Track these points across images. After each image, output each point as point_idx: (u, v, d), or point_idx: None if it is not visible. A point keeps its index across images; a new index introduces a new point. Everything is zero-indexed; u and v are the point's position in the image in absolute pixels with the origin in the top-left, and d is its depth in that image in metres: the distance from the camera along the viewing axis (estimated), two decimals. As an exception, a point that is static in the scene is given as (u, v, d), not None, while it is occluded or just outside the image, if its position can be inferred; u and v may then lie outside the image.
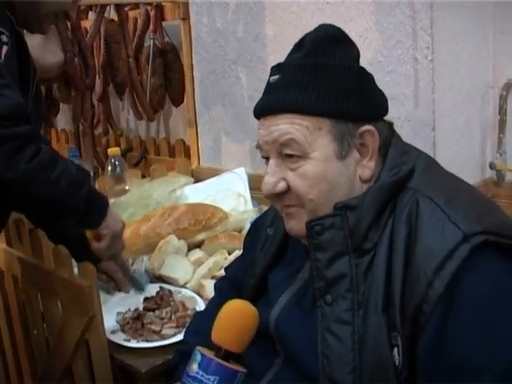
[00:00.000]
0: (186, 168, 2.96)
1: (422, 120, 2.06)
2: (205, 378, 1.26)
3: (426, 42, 1.99)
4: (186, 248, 2.28)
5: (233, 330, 1.30)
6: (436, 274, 1.07)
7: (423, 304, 1.08)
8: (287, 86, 1.22)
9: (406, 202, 1.18)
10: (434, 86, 2.02)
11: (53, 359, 1.97)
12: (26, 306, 2.11)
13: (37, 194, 1.62)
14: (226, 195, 2.54)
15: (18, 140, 1.56)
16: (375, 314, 1.15)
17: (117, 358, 1.76)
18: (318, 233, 1.22)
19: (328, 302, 1.22)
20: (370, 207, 1.20)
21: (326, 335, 1.20)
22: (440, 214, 1.13)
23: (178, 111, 3.26)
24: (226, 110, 2.79)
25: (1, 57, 1.59)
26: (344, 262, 1.21)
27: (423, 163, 1.27)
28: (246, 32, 2.59)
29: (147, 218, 2.36)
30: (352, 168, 1.24)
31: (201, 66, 2.86)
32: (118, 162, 2.65)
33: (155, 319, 1.85)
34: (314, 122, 1.20)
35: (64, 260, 1.83)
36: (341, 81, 1.21)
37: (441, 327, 1.08)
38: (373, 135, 1.23)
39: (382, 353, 1.13)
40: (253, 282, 1.48)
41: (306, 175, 1.22)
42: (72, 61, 2.60)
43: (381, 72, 2.13)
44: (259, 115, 1.29)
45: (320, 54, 1.23)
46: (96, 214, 1.81)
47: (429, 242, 1.11)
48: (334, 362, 1.18)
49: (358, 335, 1.17)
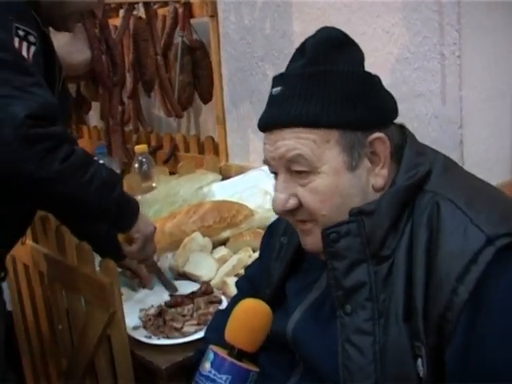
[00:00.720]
0: (215, 165, 2.96)
1: (449, 117, 2.02)
2: (217, 376, 1.26)
3: (453, 37, 1.95)
4: (210, 245, 2.28)
5: (246, 329, 1.30)
6: (460, 279, 1.04)
7: (447, 312, 1.05)
8: (290, 98, 1.18)
9: (425, 205, 1.15)
10: (461, 82, 1.98)
11: (76, 354, 1.99)
12: (51, 302, 2.13)
13: (68, 195, 1.63)
14: (253, 192, 2.52)
15: (52, 140, 1.57)
16: (396, 323, 1.12)
17: (138, 355, 1.77)
18: (333, 240, 1.18)
19: (347, 311, 1.19)
20: (387, 212, 1.16)
21: (347, 346, 1.17)
22: (461, 217, 1.10)
23: (207, 108, 3.26)
24: (254, 107, 2.78)
25: (29, 57, 1.61)
26: (362, 270, 1.17)
27: (440, 164, 1.23)
28: (273, 29, 2.58)
29: (172, 215, 2.37)
30: (364, 178, 1.20)
31: (229, 64, 2.86)
32: (144, 159, 2.66)
33: (177, 316, 1.86)
34: (321, 135, 1.16)
35: (86, 257, 1.84)
36: (345, 88, 1.17)
37: (468, 335, 1.04)
38: (383, 142, 1.19)
39: (405, 364, 1.10)
40: (269, 291, 1.45)
41: (316, 190, 1.19)
42: (99, 58, 2.62)
43: (408, 68, 2.10)
44: (264, 129, 1.25)
45: (322, 61, 1.18)
46: (127, 218, 1.83)
47: (451, 246, 1.08)
48: (355, 374, 1.15)
49: (379, 345, 1.14)
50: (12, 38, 1.57)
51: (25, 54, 1.59)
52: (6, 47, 1.55)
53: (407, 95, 2.10)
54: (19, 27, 1.58)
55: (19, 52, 1.58)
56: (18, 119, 1.48)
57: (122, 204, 1.76)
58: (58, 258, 1.99)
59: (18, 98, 1.51)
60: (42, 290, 2.20)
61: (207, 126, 3.35)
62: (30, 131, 1.50)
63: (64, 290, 2.05)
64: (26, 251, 2.18)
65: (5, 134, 1.48)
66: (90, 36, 2.57)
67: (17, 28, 1.58)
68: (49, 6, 1.75)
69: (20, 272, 2.35)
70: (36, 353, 2.38)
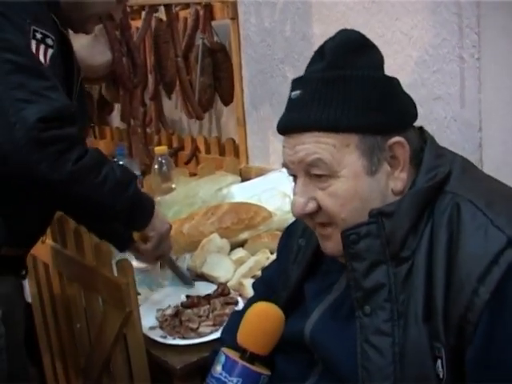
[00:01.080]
0: (235, 167, 2.97)
1: (468, 120, 2.01)
2: (228, 379, 1.27)
3: (472, 40, 1.94)
4: (228, 247, 2.29)
5: (258, 332, 1.31)
6: (481, 280, 1.04)
7: (468, 313, 1.05)
8: (310, 102, 1.18)
9: (445, 207, 1.14)
10: (480, 85, 1.97)
11: (94, 352, 2.01)
12: (70, 301, 2.15)
13: (82, 195, 1.65)
14: (272, 194, 2.53)
15: (65, 142, 1.58)
16: (415, 324, 1.11)
17: (153, 354, 1.79)
18: (353, 242, 1.18)
19: (367, 312, 1.18)
20: (407, 213, 1.16)
21: (366, 347, 1.17)
22: (482, 218, 1.09)
23: (229, 110, 3.27)
24: (274, 109, 2.79)
25: (46, 59, 1.63)
26: (382, 271, 1.17)
27: (459, 166, 1.23)
28: (293, 31, 2.59)
29: (191, 217, 2.38)
30: (383, 182, 1.20)
31: (249, 66, 2.87)
32: (164, 160, 2.68)
33: (193, 317, 1.87)
34: (341, 139, 1.16)
35: (104, 257, 1.86)
36: (365, 93, 1.17)
37: (489, 335, 1.04)
38: (403, 146, 1.19)
39: (424, 365, 1.10)
40: (286, 294, 1.45)
41: (336, 194, 1.18)
42: (120, 60, 2.64)
43: (426, 71, 2.10)
44: (283, 132, 1.25)
45: (341, 65, 1.18)
46: (141, 217, 1.84)
47: (472, 248, 1.07)
48: (374, 375, 1.15)
49: (399, 346, 1.13)
50: (29, 41, 1.59)
51: (42, 57, 1.61)
52: (21, 51, 1.57)
53: (426, 98, 2.10)
54: (37, 30, 1.60)
55: (36, 55, 1.60)
56: (30, 122, 1.51)
57: (136, 202, 1.77)
58: (76, 258, 2.02)
59: (32, 102, 1.53)
60: (61, 289, 2.23)
61: (228, 127, 3.36)
62: (41, 134, 1.52)
63: (82, 289, 2.07)
64: (46, 251, 2.21)
65: (17, 137, 1.51)
66: (111, 38, 2.59)
67: (34, 31, 1.60)
68: (68, 8, 1.77)
69: (40, 271, 2.38)
70: (55, 350, 2.41)
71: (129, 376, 1.87)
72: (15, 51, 1.56)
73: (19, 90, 1.53)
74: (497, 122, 2.02)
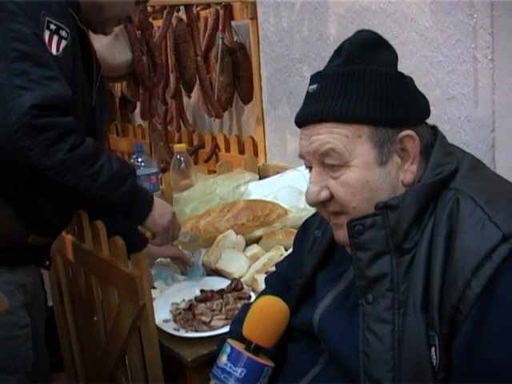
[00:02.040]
0: (253, 165, 3.01)
1: (482, 120, 2.03)
2: (233, 369, 1.31)
3: (486, 41, 1.96)
4: (243, 243, 2.33)
5: (263, 325, 1.35)
6: (474, 273, 1.07)
7: (461, 304, 1.08)
8: (325, 95, 1.23)
9: (446, 202, 1.18)
10: (494, 86, 1.98)
11: (109, 344, 2.05)
12: (88, 294, 2.19)
13: (73, 185, 1.68)
14: (287, 192, 2.56)
15: (59, 130, 1.62)
16: (414, 313, 1.15)
17: (166, 347, 1.83)
18: (358, 232, 1.22)
19: (369, 300, 1.22)
20: (411, 206, 1.19)
21: (367, 334, 1.20)
22: (480, 214, 1.12)
23: (248, 109, 3.30)
24: (292, 108, 2.82)
25: (59, 49, 1.67)
26: (385, 262, 1.21)
27: (468, 164, 1.26)
28: (310, 31, 2.62)
29: (207, 213, 2.42)
30: (394, 173, 1.24)
31: (268, 65, 2.91)
32: (183, 157, 2.71)
33: (206, 310, 1.91)
34: (353, 130, 1.21)
35: (119, 251, 1.89)
36: (378, 87, 1.21)
37: (477, 327, 1.07)
38: (413, 140, 1.23)
39: (420, 352, 1.13)
40: (300, 282, 1.49)
41: (347, 183, 1.23)
42: (140, 59, 2.68)
43: (441, 71, 2.12)
44: (300, 125, 1.30)
45: (357, 60, 1.23)
46: (139, 211, 1.87)
47: (468, 242, 1.10)
48: (374, 361, 1.18)
49: (398, 334, 1.17)
50: (42, 30, 1.63)
51: (54, 46, 1.66)
52: (29, 40, 1.61)
53: (440, 98, 2.12)
54: (51, 21, 1.65)
55: (47, 45, 1.64)
56: (24, 108, 1.55)
57: (133, 197, 1.80)
58: (93, 251, 2.06)
59: (30, 90, 1.57)
60: (79, 283, 2.27)
61: (248, 126, 3.39)
62: (34, 120, 1.56)
63: (99, 282, 2.11)
64: (65, 244, 2.25)
65: (11, 122, 1.55)
66: (131, 38, 2.63)
67: (49, 22, 1.64)
68: (87, 9, 1.82)
69: (59, 264, 2.42)
70: (74, 342, 2.44)
71: (143, 367, 1.91)
72: (23, 40, 1.60)
73: (20, 78, 1.57)
74: (510, 122, 2.03)
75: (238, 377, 1.31)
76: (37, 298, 1.97)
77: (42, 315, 2.03)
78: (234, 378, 1.31)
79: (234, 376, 1.31)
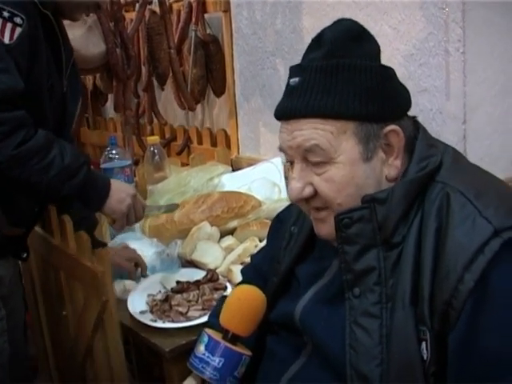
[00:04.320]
0: (226, 157, 3.02)
1: (453, 113, 2.06)
2: (211, 359, 1.31)
3: (457, 34, 1.99)
4: (218, 234, 2.34)
5: (240, 314, 1.35)
6: (466, 268, 1.07)
7: (453, 299, 1.08)
8: (309, 89, 1.20)
9: (435, 196, 1.18)
10: (465, 78, 2.01)
11: (77, 338, 2.05)
12: (58, 288, 2.18)
13: (24, 179, 1.68)
14: (261, 184, 2.58)
15: (8, 124, 1.61)
16: (402, 308, 1.14)
17: (144, 338, 1.83)
18: (346, 226, 1.21)
19: (356, 294, 1.22)
20: (399, 201, 1.18)
21: (354, 327, 1.20)
22: (471, 209, 1.12)
23: (221, 101, 3.31)
24: (265, 100, 2.83)
25: (13, 38, 1.65)
26: (372, 255, 1.20)
27: (450, 156, 1.26)
28: (283, 24, 2.63)
29: (182, 205, 2.42)
30: (378, 168, 1.23)
31: (241, 58, 2.91)
32: (157, 150, 2.72)
33: (182, 301, 1.91)
34: (338, 126, 1.19)
35: (84, 245, 1.89)
36: (363, 82, 1.19)
37: (472, 322, 1.07)
38: (398, 134, 1.21)
39: (409, 347, 1.13)
40: (276, 279, 1.48)
41: (332, 180, 1.21)
42: (114, 51, 2.67)
43: (413, 64, 2.14)
44: (281, 118, 1.27)
45: (340, 53, 1.20)
46: (93, 201, 1.86)
47: (459, 237, 1.10)
48: (362, 355, 1.18)
49: (386, 329, 1.16)
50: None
51: (7, 35, 1.63)
52: None
53: (412, 91, 2.06)
54: (4, 8, 1.63)
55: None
56: None
57: (87, 188, 1.79)
58: (60, 246, 2.05)
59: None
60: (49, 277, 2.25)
61: (220, 118, 3.40)
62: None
63: (66, 277, 2.10)
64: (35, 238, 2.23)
65: None
66: (105, 29, 2.63)
67: (1, 9, 1.62)
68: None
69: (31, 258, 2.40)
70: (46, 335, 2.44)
71: (108, 362, 1.91)
72: None
73: None
74: (481, 114, 2.07)
75: (216, 366, 1.31)
76: (14, 291, 1.96)
77: (19, 309, 2.02)
78: (212, 367, 1.32)
79: (211, 365, 1.32)
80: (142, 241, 2.32)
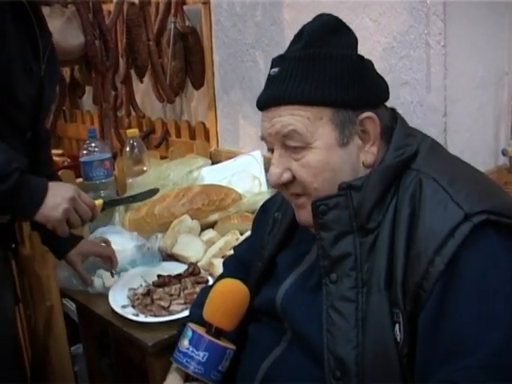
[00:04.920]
0: (205, 150, 3.00)
1: (434, 105, 2.07)
2: (195, 353, 1.31)
3: (438, 27, 1.99)
4: (198, 228, 2.33)
5: (223, 308, 1.35)
6: (437, 252, 1.10)
7: (424, 281, 1.11)
8: (287, 77, 1.24)
9: (409, 183, 1.21)
10: (446, 71, 2.02)
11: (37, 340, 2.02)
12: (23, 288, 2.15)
13: None
14: (241, 177, 2.57)
15: None
16: (378, 291, 1.18)
17: (126, 332, 1.82)
18: (322, 212, 1.24)
19: (333, 280, 1.25)
20: (374, 187, 1.22)
21: (331, 312, 1.23)
22: (443, 194, 1.15)
23: (199, 94, 3.29)
24: (244, 93, 2.82)
25: None
26: (348, 241, 1.24)
27: (428, 146, 1.29)
28: (264, 16, 2.62)
29: (162, 198, 2.41)
30: (354, 154, 1.26)
31: (220, 50, 2.89)
32: (136, 143, 2.69)
33: (164, 295, 1.91)
34: (315, 112, 1.23)
35: (37, 246, 1.86)
36: (339, 70, 1.23)
37: (440, 303, 1.10)
38: (373, 121, 1.25)
39: (384, 329, 1.16)
40: (261, 264, 1.51)
41: (309, 165, 1.25)
42: (92, 43, 2.65)
43: (394, 57, 2.15)
44: (262, 107, 1.31)
45: (318, 44, 1.25)
46: (22, 209, 1.72)
47: (431, 221, 1.13)
48: (338, 338, 1.21)
49: (362, 312, 1.20)
50: None
51: None
52: None
53: (393, 83, 2.13)
54: None
55: None
56: None
57: (17, 195, 1.66)
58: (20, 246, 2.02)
59: None
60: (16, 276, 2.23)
61: (199, 111, 3.38)
62: None
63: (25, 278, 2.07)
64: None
65: None
66: (84, 21, 2.60)
67: None
68: None
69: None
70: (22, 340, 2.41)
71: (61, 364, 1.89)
72: None
73: None
74: (461, 107, 2.09)
75: (201, 360, 1.31)
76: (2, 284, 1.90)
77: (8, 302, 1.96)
78: (196, 362, 1.31)
79: (196, 359, 1.31)
80: (122, 234, 2.30)
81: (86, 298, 2.03)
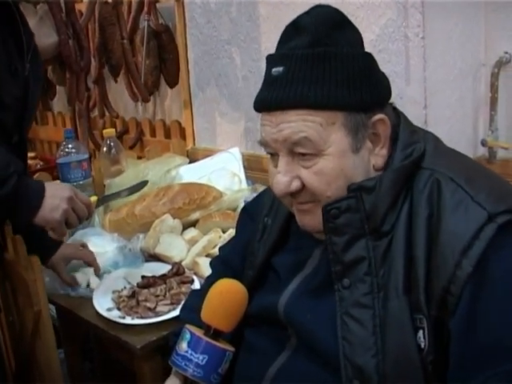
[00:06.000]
0: (182, 149, 2.97)
1: (414, 98, 2.07)
2: (194, 356, 1.28)
3: (416, 19, 1.99)
4: (180, 227, 2.31)
5: (222, 309, 1.32)
6: (463, 254, 1.07)
7: (451, 285, 1.07)
8: (296, 79, 1.16)
9: (424, 183, 1.17)
10: (425, 63, 2.02)
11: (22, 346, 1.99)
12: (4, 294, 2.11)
13: None
14: (221, 175, 2.56)
15: None
16: (396, 297, 1.13)
17: (113, 335, 1.78)
18: (334, 216, 1.18)
19: (345, 285, 1.20)
20: (387, 189, 1.17)
21: (346, 319, 1.18)
22: (462, 195, 1.12)
23: (174, 92, 3.27)
24: (220, 90, 2.80)
25: None
26: (361, 245, 1.19)
27: (432, 142, 1.25)
28: (239, 12, 2.59)
29: (142, 198, 2.38)
30: (366, 158, 1.21)
31: (195, 47, 2.87)
32: (113, 143, 2.67)
33: (150, 297, 1.88)
34: (327, 117, 1.16)
35: (20, 251, 1.82)
36: (351, 70, 1.16)
37: (471, 307, 1.07)
38: (385, 123, 1.20)
39: (405, 336, 1.12)
40: (252, 273, 1.46)
41: (322, 172, 1.18)
42: (66, 43, 2.61)
43: (372, 50, 2.08)
44: (264, 110, 1.22)
45: (325, 42, 1.16)
46: (22, 213, 1.70)
47: (453, 223, 1.10)
48: (356, 346, 1.16)
49: (379, 319, 1.15)
50: None
51: None
52: None
53: (372, 77, 2.14)
54: None
55: None
56: None
57: (15, 199, 1.65)
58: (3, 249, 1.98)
59: None
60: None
61: (173, 110, 3.36)
62: None
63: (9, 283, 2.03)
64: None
65: None
66: (57, 20, 2.56)
67: None
68: None
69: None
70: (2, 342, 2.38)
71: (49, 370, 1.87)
72: None
73: None
74: (441, 99, 2.09)
75: (199, 363, 1.28)
76: None
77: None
78: (195, 365, 1.28)
79: (194, 362, 1.28)
80: (102, 236, 2.27)
81: (68, 301, 1.98)
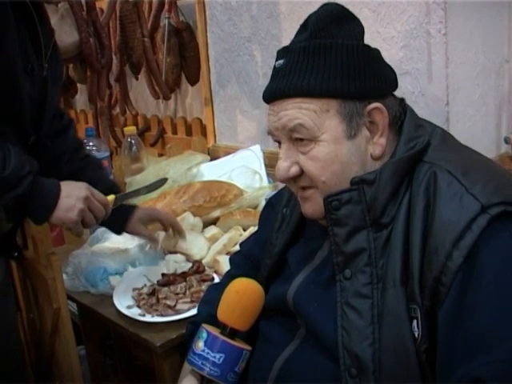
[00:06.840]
0: (203, 146, 2.98)
1: (436, 95, 2.05)
2: (210, 355, 1.29)
3: (439, 15, 1.97)
4: (201, 225, 2.31)
5: (238, 308, 1.33)
6: (455, 245, 1.08)
7: (442, 276, 1.09)
8: (292, 69, 1.23)
9: (422, 176, 1.19)
10: (447, 60, 2.00)
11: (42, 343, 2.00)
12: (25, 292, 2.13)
13: None
14: (242, 172, 2.56)
15: None
16: (393, 287, 1.16)
17: (133, 333, 1.79)
18: (335, 208, 1.22)
19: (347, 276, 1.23)
20: (388, 181, 1.20)
21: (346, 309, 1.21)
22: (457, 186, 1.14)
23: (195, 90, 3.26)
24: (241, 88, 2.80)
25: None
26: (362, 237, 1.22)
27: (439, 137, 1.27)
28: (259, 10, 2.59)
29: (163, 196, 2.39)
30: (363, 147, 1.24)
31: (216, 45, 2.87)
32: (134, 140, 2.68)
33: (170, 294, 1.88)
34: (321, 105, 1.21)
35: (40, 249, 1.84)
36: (345, 60, 1.21)
37: (460, 298, 1.08)
38: (382, 112, 1.23)
39: (401, 325, 1.14)
40: (270, 262, 1.48)
41: (317, 158, 1.22)
42: (87, 41, 2.62)
43: (394, 47, 2.12)
44: (268, 100, 1.29)
45: (323, 34, 1.22)
46: (37, 212, 1.71)
47: (447, 214, 1.12)
48: (354, 335, 1.19)
49: (378, 309, 1.18)
50: None
51: None
52: None
53: (394, 73, 2.12)
54: None
55: None
56: None
57: (30, 199, 1.65)
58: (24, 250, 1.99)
59: None
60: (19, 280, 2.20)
61: (194, 107, 3.36)
62: None
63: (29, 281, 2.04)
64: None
65: None
66: (78, 18, 2.57)
67: None
68: None
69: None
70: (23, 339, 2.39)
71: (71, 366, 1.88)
72: None
73: None
74: (463, 96, 2.07)
75: (216, 362, 1.29)
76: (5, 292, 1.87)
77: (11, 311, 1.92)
78: (212, 363, 1.29)
79: (211, 361, 1.29)
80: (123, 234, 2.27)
81: (88, 299, 1.99)
